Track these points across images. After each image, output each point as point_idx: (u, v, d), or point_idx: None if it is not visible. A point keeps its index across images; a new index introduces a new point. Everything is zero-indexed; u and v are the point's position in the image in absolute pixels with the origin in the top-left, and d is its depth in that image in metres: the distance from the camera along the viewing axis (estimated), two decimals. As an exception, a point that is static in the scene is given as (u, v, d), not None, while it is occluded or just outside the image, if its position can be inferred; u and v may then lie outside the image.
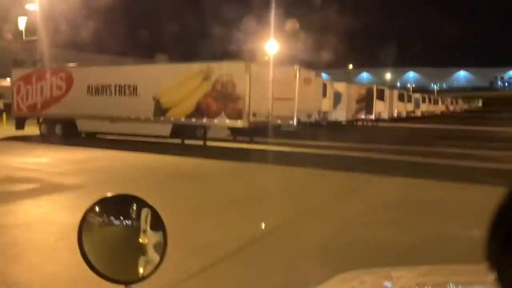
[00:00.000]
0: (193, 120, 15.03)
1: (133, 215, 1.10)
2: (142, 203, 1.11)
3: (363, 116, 28.95)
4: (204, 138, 15.69)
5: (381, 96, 29.79)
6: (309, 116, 17.86)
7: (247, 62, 14.20)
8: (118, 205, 1.12)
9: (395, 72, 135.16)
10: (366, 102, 28.69)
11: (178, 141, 15.82)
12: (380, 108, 29.75)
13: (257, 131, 16.18)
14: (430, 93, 62.72)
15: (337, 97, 24.13)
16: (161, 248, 1.10)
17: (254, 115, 14.50)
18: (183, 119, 15.21)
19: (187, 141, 15.88)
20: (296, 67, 16.55)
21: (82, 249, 1.06)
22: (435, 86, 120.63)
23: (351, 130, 24.23)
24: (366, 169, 10.63)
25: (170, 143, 15.77)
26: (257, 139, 16.72)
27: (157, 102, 15.57)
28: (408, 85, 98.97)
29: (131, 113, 15.94)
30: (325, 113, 22.90)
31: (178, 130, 15.65)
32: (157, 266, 1.09)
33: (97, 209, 1.09)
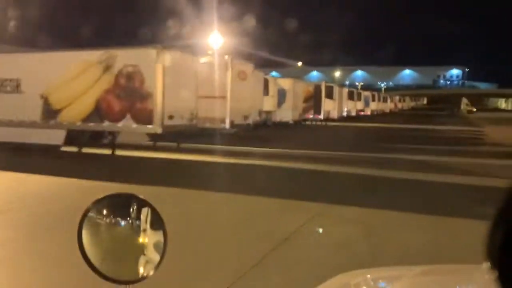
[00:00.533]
0: (91, 124, 11.51)
1: (133, 214, 1.07)
2: (142, 202, 1.08)
3: (311, 116, 26.33)
4: (113, 146, 12.20)
5: (330, 94, 27.28)
6: (246, 117, 14.80)
7: (159, 49, 10.85)
8: (118, 204, 1.09)
9: (344, 71, 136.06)
10: (314, 100, 26.07)
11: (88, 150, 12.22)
12: (329, 106, 27.25)
13: (185, 135, 12.91)
14: (378, 91, 61.87)
15: (282, 95, 21.23)
16: (161, 248, 1.06)
17: (171, 117, 11.22)
18: (78, 123, 11.64)
19: (91, 150, 12.33)
20: (228, 57, 13.41)
21: (82, 249, 1.03)
22: (383, 84, 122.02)
23: (298, 132, 21.42)
24: (310, 193, 7.67)
25: (69, 152, 12.16)
26: (188, 143, 13.41)
27: (46, 102, 11.89)
28: (357, 83, 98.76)
29: (13, 115, 12.15)
30: (269, 113, 19.95)
31: (76, 137, 12.05)
32: (157, 266, 1.05)
33: (97, 208, 1.06)
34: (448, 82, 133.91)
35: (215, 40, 31.87)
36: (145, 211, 1.07)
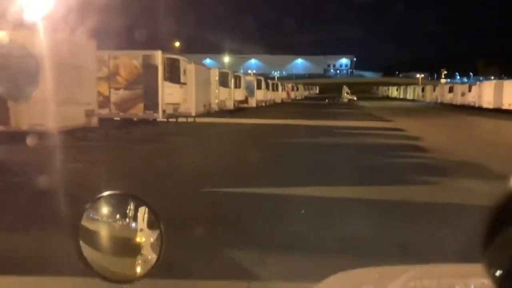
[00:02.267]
0: None
1: (130, 214, 1.03)
2: (139, 202, 1.04)
3: (140, 113, 14.48)
4: None
5: (174, 75, 15.42)
6: None
7: None
8: (116, 204, 1.05)
9: (239, 59, 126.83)
10: (144, 85, 14.24)
11: None
12: (175, 97, 15.43)
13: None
14: (269, 78, 52.11)
15: (24, 70, 8.95)
16: (159, 247, 1.02)
17: None
18: None
19: None
20: None
21: (79, 248, 0.99)
22: (276, 73, 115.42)
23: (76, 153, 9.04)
24: None
25: None
26: None
27: None
28: (249, 71, 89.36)
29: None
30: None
31: None
32: (154, 265, 1.02)
33: (94, 207, 1.03)
34: (338, 71, 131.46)
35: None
36: (142, 210, 1.03)
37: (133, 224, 1.02)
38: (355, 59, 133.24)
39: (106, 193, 1.04)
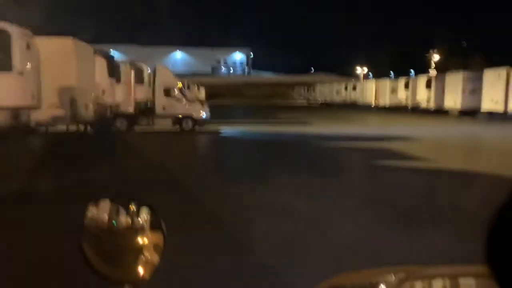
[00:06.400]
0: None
1: (133, 215, 1.00)
2: (141, 202, 1.03)
3: None
4: None
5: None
6: None
7: None
8: (117, 205, 1.02)
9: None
10: None
11: None
12: None
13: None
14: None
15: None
16: (161, 249, 1.00)
17: None
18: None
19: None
20: None
21: (81, 249, 0.97)
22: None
23: None
24: None
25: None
26: None
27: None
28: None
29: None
30: None
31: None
32: (156, 267, 1.00)
33: (96, 208, 1.01)
34: (231, 70, 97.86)
35: None
36: (144, 211, 1.00)
37: (135, 225, 1.00)
38: (252, 54, 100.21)
39: (108, 194, 1.04)
